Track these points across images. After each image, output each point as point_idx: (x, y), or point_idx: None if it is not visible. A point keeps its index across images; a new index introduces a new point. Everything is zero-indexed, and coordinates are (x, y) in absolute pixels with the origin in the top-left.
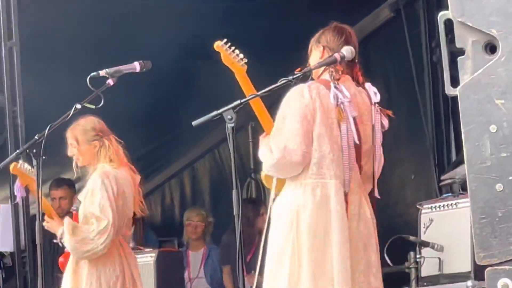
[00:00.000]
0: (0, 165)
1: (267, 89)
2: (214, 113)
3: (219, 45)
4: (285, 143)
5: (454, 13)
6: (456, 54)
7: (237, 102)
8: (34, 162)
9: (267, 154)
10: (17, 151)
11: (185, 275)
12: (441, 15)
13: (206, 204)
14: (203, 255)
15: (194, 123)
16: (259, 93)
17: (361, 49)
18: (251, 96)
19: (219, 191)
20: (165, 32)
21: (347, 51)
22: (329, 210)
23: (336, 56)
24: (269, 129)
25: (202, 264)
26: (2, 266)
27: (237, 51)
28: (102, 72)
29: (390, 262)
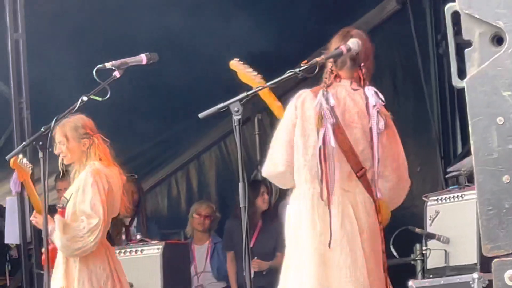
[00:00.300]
0: (7, 157)
1: (273, 81)
2: (221, 105)
3: (234, 63)
4: (272, 155)
5: (461, 5)
6: (462, 46)
7: (244, 95)
8: (41, 154)
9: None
10: (23, 143)
11: (191, 269)
12: (448, 7)
13: (212, 197)
14: (209, 248)
15: (201, 115)
16: (266, 85)
17: None
18: (258, 88)
19: (225, 183)
20: (170, 22)
21: (353, 44)
22: (301, 210)
23: (343, 48)
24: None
25: (208, 257)
26: (8, 259)
27: (251, 68)
28: (109, 64)
29: (396, 254)
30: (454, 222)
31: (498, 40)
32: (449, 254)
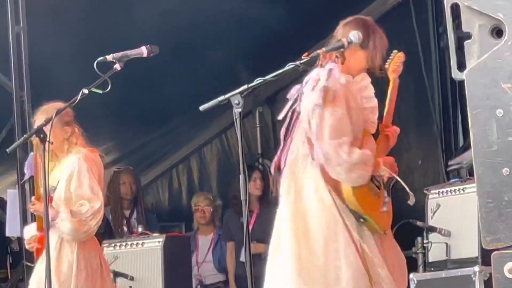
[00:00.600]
0: (7, 150)
1: (274, 74)
2: (222, 98)
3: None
4: None
5: None
6: (463, 39)
7: (245, 87)
8: (41, 147)
9: None
10: (24, 135)
11: (193, 258)
12: None
13: (214, 189)
14: (212, 239)
15: (202, 107)
16: (267, 78)
17: None
18: (258, 81)
19: (226, 176)
20: (172, 14)
21: (354, 36)
22: None
23: (344, 41)
24: None
25: (211, 248)
26: (9, 251)
27: None
28: (109, 57)
29: None
30: (456, 215)
31: (497, 32)
32: (450, 247)
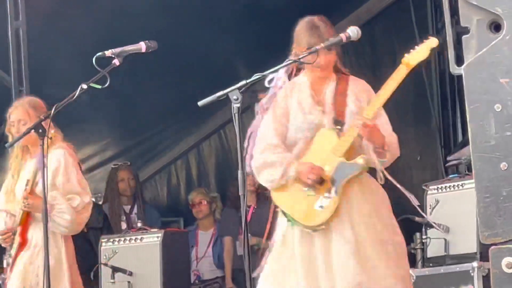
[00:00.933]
0: (7, 145)
1: (273, 69)
2: (220, 93)
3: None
4: None
5: None
6: (462, 34)
7: (243, 83)
8: (40, 142)
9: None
10: (24, 131)
11: (193, 253)
12: None
13: (212, 185)
14: (213, 235)
15: (200, 103)
16: (266, 73)
17: (368, 29)
18: (256, 76)
19: (224, 171)
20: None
21: (352, 32)
22: None
23: (342, 36)
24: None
25: (211, 244)
26: None
27: None
28: (108, 52)
29: None
30: (454, 211)
31: (495, 27)
32: (449, 243)
